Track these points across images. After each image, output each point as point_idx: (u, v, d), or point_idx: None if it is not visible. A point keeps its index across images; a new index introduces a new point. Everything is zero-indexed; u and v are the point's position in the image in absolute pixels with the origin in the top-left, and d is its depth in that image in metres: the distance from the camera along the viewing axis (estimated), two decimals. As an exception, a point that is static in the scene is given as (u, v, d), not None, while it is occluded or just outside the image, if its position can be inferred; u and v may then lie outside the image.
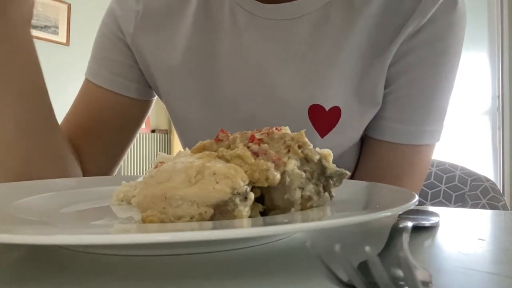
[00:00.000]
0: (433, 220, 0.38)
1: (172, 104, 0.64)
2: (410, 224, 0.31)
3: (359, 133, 0.58)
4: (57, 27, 3.34)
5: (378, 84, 0.55)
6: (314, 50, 0.55)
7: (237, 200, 0.29)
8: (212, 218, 0.29)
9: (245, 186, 0.30)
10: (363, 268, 0.20)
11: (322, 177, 0.34)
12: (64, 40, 3.38)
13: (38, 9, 3.20)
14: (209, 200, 0.28)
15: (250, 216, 0.30)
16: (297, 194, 0.32)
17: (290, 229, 0.26)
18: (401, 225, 0.30)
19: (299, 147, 0.34)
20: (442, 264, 0.26)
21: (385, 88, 0.56)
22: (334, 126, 0.55)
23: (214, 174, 0.29)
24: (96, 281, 0.24)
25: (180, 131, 0.66)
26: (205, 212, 0.28)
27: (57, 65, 3.27)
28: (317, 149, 0.34)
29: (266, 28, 0.57)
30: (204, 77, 0.59)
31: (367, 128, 0.59)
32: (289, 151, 0.33)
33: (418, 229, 0.35)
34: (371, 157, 0.59)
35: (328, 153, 0.34)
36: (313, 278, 0.23)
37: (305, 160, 0.33)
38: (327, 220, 0.27)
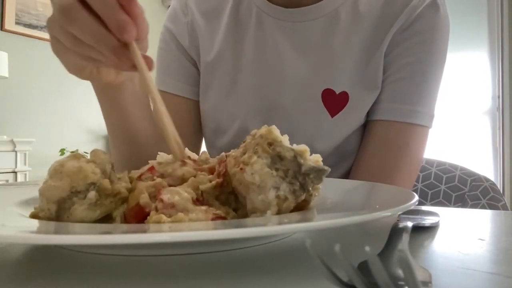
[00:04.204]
0: (433, 220, 0.38)
1: (203, 96, 0.73)
2: (410, 224, 0.31)
3: (363, 115, 0.66)
4: (57, 27, 3.34)
5: (377, 71, 0.64)
6: (326, 45, 0.65)
7: (75, 198, 0.30)
8: (58, 214, 0.30)
9: (87, 185, 0.30)
10: (363, 268, 0.20)
11: (298, 175, 0.32)
12: (64, 40, 3.37)
13: (38, 9, 3.20)
14: (53, 196, 0.30)
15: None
16: (271, 194, 0.30)
17: (290, 229, 0.26)
18: (401, 225, 0.30)
19: (270, 144, 0.32)
20: (442, 264, 0.26)
21: (383, 74, 0.65)
22: (343, 107, 0.64)
23: (61, 173, 0.30)
24: (96, 281, 0.24)
25: (205, 123, 0.74)
26: (51, 207, 0.30)
27: (56, 65, 3.26)
28: (294, 145, 0.32)
29: (287, 28, 0.67)
30: (229, 71, 0.69)
31: (368, 113, 0.66)
32: (257, 150, 0.31)
33: (418, 229, 0.35)
34: (370, 138, 0.65)
35: (304, 149, 0.32)
36: (313, 278, 0.23)
37: (278, 157, 0.31)
38: (327, 220, 0.27)
